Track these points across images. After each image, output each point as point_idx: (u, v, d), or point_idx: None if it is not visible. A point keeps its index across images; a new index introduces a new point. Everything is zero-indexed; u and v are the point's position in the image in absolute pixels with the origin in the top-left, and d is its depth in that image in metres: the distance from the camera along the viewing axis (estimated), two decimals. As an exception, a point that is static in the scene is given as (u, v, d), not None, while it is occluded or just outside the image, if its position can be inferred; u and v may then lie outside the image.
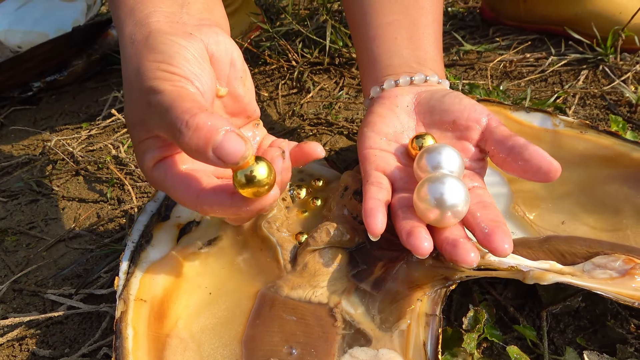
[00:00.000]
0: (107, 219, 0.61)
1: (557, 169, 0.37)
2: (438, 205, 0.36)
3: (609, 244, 0.41)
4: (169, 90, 0.33)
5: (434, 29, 0.50)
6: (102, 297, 0.50)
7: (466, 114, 0.42)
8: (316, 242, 0.41)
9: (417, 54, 0.48)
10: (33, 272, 0.55)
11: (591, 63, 0.74)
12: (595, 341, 0.39)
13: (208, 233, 0.47)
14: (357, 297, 0.40)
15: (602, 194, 0.46)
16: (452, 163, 0.39)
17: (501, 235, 0.35)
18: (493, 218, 0.37)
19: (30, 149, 0.79)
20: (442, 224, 0.37)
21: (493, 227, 0.36)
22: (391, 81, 0.47)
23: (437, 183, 0.37)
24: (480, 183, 0.41)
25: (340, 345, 0.37)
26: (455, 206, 0.36)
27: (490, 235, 0.35)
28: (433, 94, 0.45)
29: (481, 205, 0.38)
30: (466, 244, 0.35)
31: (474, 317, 0.40)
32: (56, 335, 0.47)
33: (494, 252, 0.35)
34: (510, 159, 0.39)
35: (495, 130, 0.41)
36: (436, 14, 0.50)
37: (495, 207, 0.38)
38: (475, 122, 0.42)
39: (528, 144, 0.38)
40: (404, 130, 0.44)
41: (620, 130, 0.59)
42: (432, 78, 0.47)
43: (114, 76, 0.99)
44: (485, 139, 0.41)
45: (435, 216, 0.37)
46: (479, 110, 0.42)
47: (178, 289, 0.41)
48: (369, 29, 0.50)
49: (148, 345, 0.37)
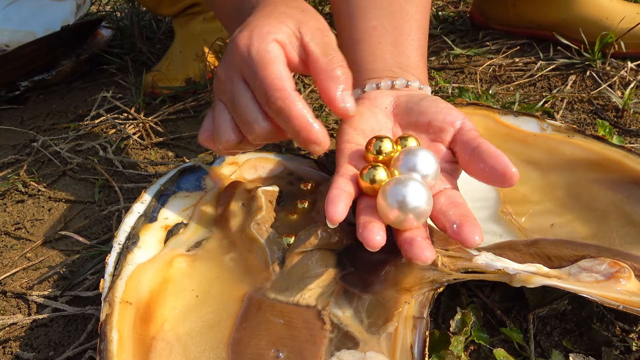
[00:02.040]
0: (94, 220, 0.60)
1: (513, 174, 0.37)
2: (400, 208, 0.36)
3: (595, 248, 0.41)
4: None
5: (418, 36, 0.50)
6: (88, 299, 0.49)
7: (441, 117, 0.43)
8: (304, 244, 0.41)
9: (399, 59, 0.48)
10: (18, 274, 0.54)
11: (579, 68, 0.75)
12: (581, 344, 0.39)
13: (196, 235, 0.47)
14: (345, 300, 0.40)
15: (589, 198, 0.46)
16: (427, 165, 0.39)
17: (470, 227, 0.35)
18: (463, 213, 0.37)
19: (17, 149, 0.78)
20: (403, 227, 0.37)
21: (463, 220, 0.36)
22: (373, 84, 0.47)
23: (400, 186, 0.37)
24: (453, 184, 0.41)
25: (328, 348, 0.37)
26: (417, 208, 0.37)
27: (460, 227, 0.35)
28: (412, 97, 0.45)
29: (453, 205, 0.38)
30: (422, 242, 0.36)
31: (461, 320, 0.40)
32: (41, 338, 0.46)
33: (464, 243, 0.35)
34: (472, 161, 0.39)
35: (465, 132, 0.41)
36: (421, 20, 0.51)
37: (466, 207, 0.39)
38: (449, 124, 0.42)
39: (490, 148, 0.39)
40: (381, 129, 0.45)
41: (607, 134, 0.59)
42: (413, 83, 0.47)
43: (103, 76, 0.98)
44: (455, 141, 0.42)
45: (395, 218, 0.37)
46: (454, 114, 0.43)
47: (164, 291, 0.41)
48: (354, 32, 0.50)
49: (133, 348, 0.36)
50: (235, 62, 0.41)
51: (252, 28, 0.41)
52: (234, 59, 0.41)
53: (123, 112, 0.81)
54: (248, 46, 0.40)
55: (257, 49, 0.39)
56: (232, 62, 0.41)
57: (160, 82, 0.83)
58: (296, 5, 0.45)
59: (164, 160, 0.69)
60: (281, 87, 0.38)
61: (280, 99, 0.38)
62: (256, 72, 0.39)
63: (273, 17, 0.42)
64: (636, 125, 0.63)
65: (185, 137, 0.74)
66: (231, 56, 0.41)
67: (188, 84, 0.84)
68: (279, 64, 0.39)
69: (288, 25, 0.41)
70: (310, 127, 0.38)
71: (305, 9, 0.44)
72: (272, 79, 0.38)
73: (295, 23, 0.42)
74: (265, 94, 0.39)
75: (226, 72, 0.42)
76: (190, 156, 0.70)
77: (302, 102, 0.39)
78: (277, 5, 0.44)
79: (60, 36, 0.88)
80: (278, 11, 0.43)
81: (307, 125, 0.38)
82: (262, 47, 0.39)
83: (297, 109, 0.38)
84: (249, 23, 0.42)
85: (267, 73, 0.39)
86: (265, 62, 0.39)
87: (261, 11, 0.44)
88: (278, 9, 0.43)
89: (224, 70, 0.42)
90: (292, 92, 0.39)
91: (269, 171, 0.54)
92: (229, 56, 0.42)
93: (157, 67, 0.87)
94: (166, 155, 0.71)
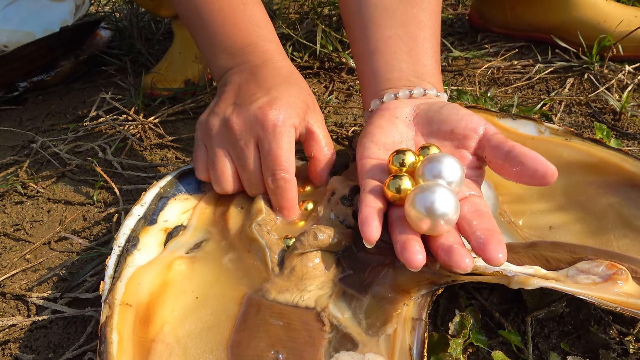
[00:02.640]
0: (93, 222, 0.60)
1: (553, 173, 0.38)
2: (429, 214, 0.37)
3: (593, 250, 0.42)
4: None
5: (432, 43, 0.51)
6: (88, 301, 0.49)
7: (464, 124, 0.43)
8: (303, 246, 0.41)
9: (416, 68, 0.49)
10: (17, 276, 0.54)
11: (577, 71, 0.75)
12: (579, 346, 0.40)
13: (195, 237, 0.47)
14: (344, 301, 0.40)
15: (587, 200, 0.47)
16: (452, 172, 0.39)
17: (495, 245, 0.35)
18: (488, 227, 0.37)
19: (16, 150, 0.78)
20: (434, 232, 0.37)
21: (488, 236, 0.36)
22: (391, 94, 0.48)
23: (427, 192, 0.37)
24: (477, 192, 0.42)
25: (327, 350, 0.37)
26: (446, 215, 0.37)
27: (485, 245, 0.35)
28: (431, 106, 0.46)
29: (477, 214, 0.38)
30: (460, 249, 0.35)
31: (460, 322, 0.40)
32: (40, 340, 0.47)
33: (488, 262, 0.35)
34: (507, 165, 0.40)
35: (492, 137, 0.42)
36: (434, 27, 0.51)
37: (490, 216, 0.39)
38: (472, 131, 0.42)
39: (524, 150, 0.39)
40: (403, 140, 0.45)
41: (605, 137, 0.60)
42: (430, 92, 0.48)
43: (101, 77, 0.98)
44: (482, 147, 0.42)
45: (427, 225, 0.37)
46: (475, 120, 0.43)
47: (164, 293, 0.41)
48: (369, 43, 0.50)
49: (133, 350, 0.36)
50: (256, 129, 0.47)
51: (279, 106, 0.47)
52: (257, 126, 0.47)
53: (122, 114, 0.81)
54: (275, 125, 0.46)
55: (281, 131, 0.47)
56: (253, 127, 0.47)
57: (159, 83, 0.83)
58: (304, 87, 0.52)
59: (163, 162, 0.70)
60: (287, 170, 0.46)
61: (283, 180, 0.46)
62: (272, 149, 0.46)
63: (293, 96, 0.49)
64: (633, 128, 0.63)
65: (185, 138, 0.74)
66: (254, 121, 0.47)
67: (187, 86, 0.84)
68: (292, 148, 0.47)
69: (302, 109, 0.49)
70: (294, 209, 0.48)
71: (310, 92, 0.52)
72: (283, 161, 0.46)
73: (305, 108, 0.49)
74: (273, 169, 0.46)
75: (243, 130, 0.48)
76: (190, 158, 0.70)
77: (295, 188, 0.47)
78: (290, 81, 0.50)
79: (59, 37, 0.88)
80: (293, 91, 0.49)
81: (292, 208, 0.48)
82: (284, 130, 0.47)
83: (291, 193, 0.47)
84: (276, 98, 0.48)
85: (281, 154, 0.46)
86: (282, 144, 0.46)
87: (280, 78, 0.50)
88: (292, 88, 0.50)
89: (242, 126, 0.48)
90: (293, 177, 0.47)
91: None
92: (252, 119, 0.47)
93: (156, 69, 0.87)
94: (165, 157, 0.71)
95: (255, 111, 0.47)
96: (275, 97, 0.48)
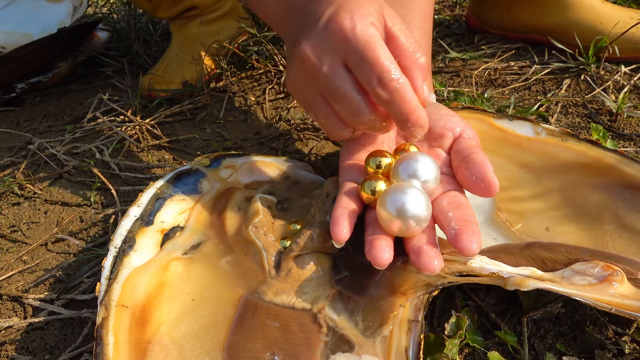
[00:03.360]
0: (90, 223, 0.60)
1: (494, 187, 0.38)
2: (399, 216, 0.37)
3: (589, 251, 0.42)
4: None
5: (423, 44, 0.51)
6: (84, 302, 0.49)
7: (442, 123, 0.43)
8: (299, 248, 0.41)
9: None
10: (14, 277, 0.54)
11: (573, 72, 0.76)
12: (575, 346, 0.40)
13: (192, 238, 0.47)
14: (341, 303, 0.40)
15: (583, 201, 0.47)
16: (427, 171, 0.40)
17: (469, 235, 0.35)
18: (463, 217, 0.37)
19: (13, 152, 0.78)
20: (406, 234, 0.38)
21: (462, 226, 0.36)
22: None
23: (399, 193, 0.37)
24: (456, 186, 0.42)
25: (323, 351, 0.37)
26: (416, 216, 0.37)
27: (458, 235, 0.36)
28: None
29: (454, 206, 0.39)
30: (429, 251, 0.35)
31: (456, 323, 0.40)
32: (37, 341, 0.46)
33: (461, 252, 0.35)
34: (461, 168, 0.40)
35: (462, 140, 0.42)
36: (424, 29, 0.51)
37: (469, 207, 0.39)
38: (449, 130, 0.43)
39: (481, 158, 0.39)
40: (384, 141, 0.45)
41: (601, 138, 0.60)
42: None
43: (99, 78, 0.98)
44: (451, 147, 0.43)
45: (397, 227, 0.37)
46: (455, 120, 0.43)
47: (161, 294, 0.41)
48: None
49: (129, 352, 0.36)
50: (335, 45, 0.39)
51: (349, 9, 0.39)
52: (334, 42, 0.39)
53: (119, 115, 0.81)
54: (352, 29, 0.38)
55: (362, 31, 0.38)
56: (330, 46, 0.39)
57: (156, 84, 0.83)
58: None
59: (160, 163, 0.70)
60: (394, 70, 0.38)
61: (395, 81, 0.38)
62: (365, 55, 0.38)
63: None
64: (630, 129, 0.63)
65: (182, 139, 0.74)
66: (328, 39, 0.39)
67: (185, 87, 0.84)
68: (384, 46, 0.39)
69: (375, 9, 0.40)
70: (420, 110, 0.39)
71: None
72: (383, 61, 0.38)
73: (377, 7, 0.41)
74: (378, 76, 0.38)
75: (321, 53, 0.40)
76: (187, 159, 0.70)
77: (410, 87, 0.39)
78: None
79: (57, 38, 0.87)
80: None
81: (416, 109, 0.38)
82: (367, 30, 0.38)
83: (409, 92, 0.38)
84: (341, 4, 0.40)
85: (376, 55, 0.38)
86: (372, 45, 0.38)
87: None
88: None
89: (317, 50, 0.40)
90: (402, 74, 0.38)
91: (266, 175, 0.54)
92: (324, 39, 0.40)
93: (153, 70, 0.87)
94: (163, 158, 0.71)
95: (325, 27, 0.40)
96: (341, 4, 0.40)
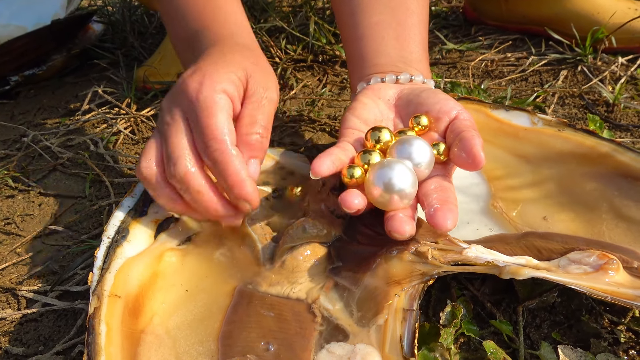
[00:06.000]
0: (84, 215, 0.60)
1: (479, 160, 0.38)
2: (386, 190, 0.38)
3: (584, 240, 0.42)
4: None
5: (420, 30, 0.51)
6: (78, 294, 0.49)
7: (438, 107, 0.43)
8: (293, 239, 0.41)
9: (403, 54, 0.49)
10: (8, 269, 0.54)
11: (570, 63, 0.75)
12: (570, 336, 0.40)
13: (186, 230, 0.46)
14: (336, 293, 0.40)
15: (579, 191, 0.47)
16: (421, 154, 0.40)
17: (445, 212, 0.36)
18: (444, 198, 0.38)
19: (7, 144, 0.78)
20: (388, 207, 0.39)
21: (441, 204, 0.37)
22: (377, 78, 0.48)
23: (386, 168, 0.38)
24: (444, 172, 0.42)
25: (318, 340, 0.37)
26: (402, 190, 0.38)
27: (436, 212, 0.37)
28: (413, 90, 0.46)
29: (438, 189, 0.40)
30: (403, 218, 0.37)
31: (451, 313, 0.40)
32: (30, 333, 0.46)
33: (435, 227, 0.36)
34: (453, 145, 0.41)
35: (457, 121, 0.42)
36: (422, 14, 0.52)
37: (452, 191, 0.40)
38: (445, 114, 0.43)
39: (469, 135, 0.40)
40: (383, 119, 0.46)
41: (598, 129, 0.60)
42: (417, 78, 0.48)
43: (94, 71, 0.97)
44: (447, 128, 0.43)
45: (379, 196, 0.38)
46: (451, 104, 0.43)
47: (154, 285, 0.41)
48: (357, 28, 0.51)
49: (122, 342, 0.36)
50: (182, 103, 0.41)
51: (203, 73, 0.40)
52: (182, 100, 0.41)
53: (114, 107, 0.81)
54: (197, 92, 0.39)
55: (205, 96, 0.39)
56: (179, 102, 0.41)
57: (152, 76, 0.82)
58: (250, 56, 0.45)
59: (155, 155, 0.69)
60: (221, 140, 0.38)
61: (219, 151, 0.38)
62: (200, 120, 0.39)
63: (225, 64, 0.42)
64: (626, 120, 0.63)
65: (177, 131, 0.74)
66: (179, 96, 0.41)
67: (180, 79, 0.83)
68: (224, 115, 0.39)
69: (238, 76, 0.41)
70: (243, 184, 0.39)
71: (258, 62, 0.45)
72: (213, 130, 0.38)
73: (242, 75, 0.42)
74: (206, 142, 0.39)
75: (169, 106, 0.42)
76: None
77: (240, 159, 0.39)
78: (232, 52, 0.44)
79: (51, 30, 0.87)
80: (231, 59, 0.43)
81: (240, 182, 0.39)
82: (210, 96, 0.39)
83: (233, 165, 0.39)
84: (201, 67, 0.41)
85: (210, 122, 0.39)
86: (211, 112, 0.39)
87: (215, 54, 0.44)
88: (232, 56, 0.43)
89: (168, 105, 0.42)
90: (231, 147, 0.39)
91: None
92: (177, 95, 0.41)
93: (149, 62, 0.86)
94: (158, 150, 0.70)
95: (180, 86, 0.41)
96: (200, 66, 0.42)
